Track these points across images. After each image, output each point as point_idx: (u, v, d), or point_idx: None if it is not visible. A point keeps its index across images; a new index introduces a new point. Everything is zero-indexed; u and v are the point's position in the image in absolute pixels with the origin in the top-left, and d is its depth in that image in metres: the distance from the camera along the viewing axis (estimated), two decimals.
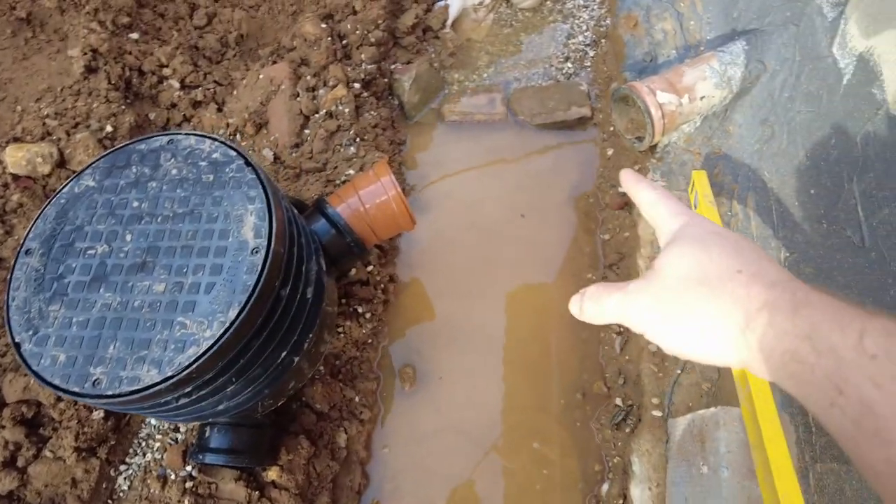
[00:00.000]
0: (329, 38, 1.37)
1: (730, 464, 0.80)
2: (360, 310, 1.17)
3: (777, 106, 1.14)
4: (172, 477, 0.97)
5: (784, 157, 1.11)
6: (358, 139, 1.31)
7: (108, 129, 1.16)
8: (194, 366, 0.69)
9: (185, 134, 0.85)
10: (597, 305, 0.41)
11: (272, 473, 0.97)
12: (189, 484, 0.95)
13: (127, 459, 1.01)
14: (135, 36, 1.29)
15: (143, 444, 1.03)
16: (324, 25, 1.38)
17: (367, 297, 1.19)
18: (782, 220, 1.09)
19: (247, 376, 0.79)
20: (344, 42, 1.43)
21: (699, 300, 0.34)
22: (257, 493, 0.94)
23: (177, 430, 1.04)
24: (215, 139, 0.83)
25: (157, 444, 1.02)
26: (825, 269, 0.98)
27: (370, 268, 1.21)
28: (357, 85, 1.38)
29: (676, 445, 0.97)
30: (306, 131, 1.31)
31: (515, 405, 1.20)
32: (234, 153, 0.82)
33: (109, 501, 0.97)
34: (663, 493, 0.99)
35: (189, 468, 0.97)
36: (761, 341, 0.31)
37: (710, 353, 0.34)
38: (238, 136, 1.32)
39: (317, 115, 1.32)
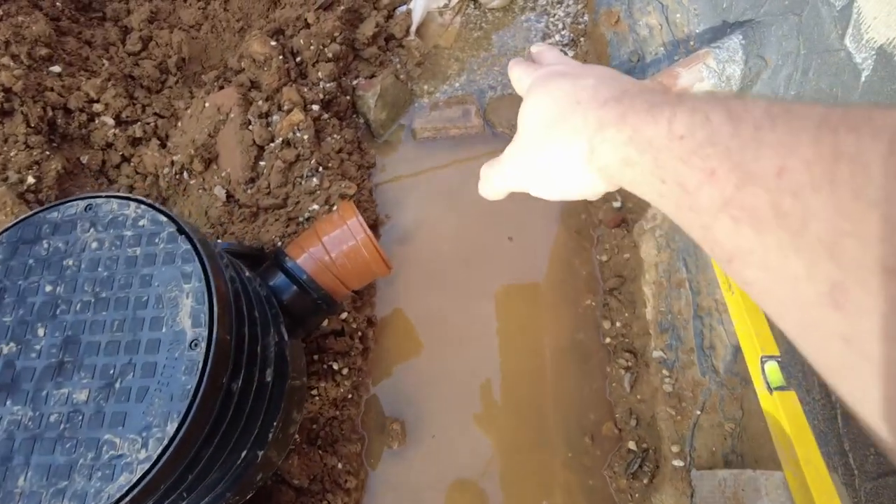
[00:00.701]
0: (280, 57, 1.23)
1: None
2: (335, 366, 1.04)
3: None
4: None
5: None
6: (321, 168, 1.17)
7: (31, 180, 1.01)
8: (128, 497, 0.55)
9: (106, 197, 0.70)
10: (488, 183, 0.45)
11: None
12: None
13: None
14: (57, 69, 1.13)
15: None
16: (274, 43, 1.23)
17: (343, 350, 1.05)
18: None
19: (202, 486, 0.66)
20: (298, 59, 1.28)
21: (550, 141, 0.35)
22: None
23: None
24: (142, 202, 0.69)
25: None
26: None
27: (344, 315, 1.08)
28: (316, 107, 1.24)
29: (704, 503, 0.86)
30: (261, 163, 1.17)
31: (518, 454, 1.08)
32: (163, 219, 0.68)
33: None
34: None
35: None
36: (602, 161, 0.31)
37: (579, 188, 0.36)
38: (185, 174, 1.18)
39: (272, 145, 1.17)
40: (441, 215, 1.28)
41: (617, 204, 1.19)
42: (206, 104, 1.21)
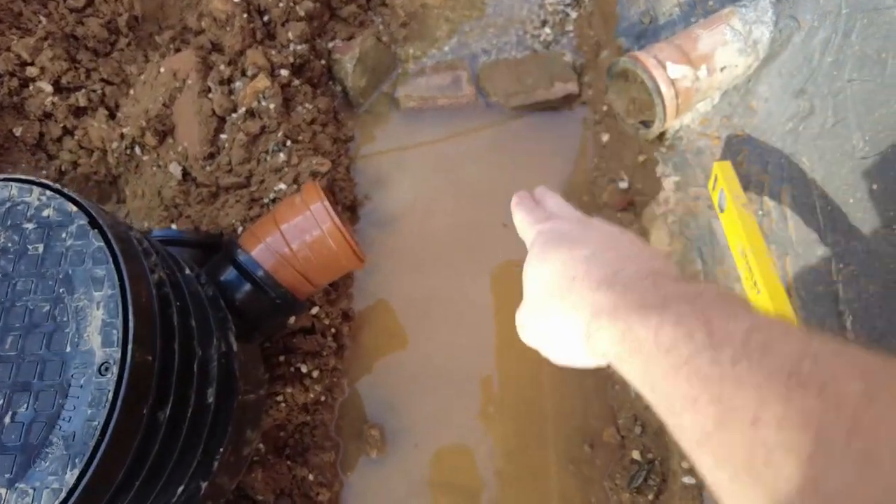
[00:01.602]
0: (245, 15, 1.08)
1: None
2: (304, 369, 0.92)
3: (817, 73, 0.89)
4: None
5: (830, 140, 0.87)
6: (289, 142, 1.03)
7: None
8: None
9: (3, 180, 0.57)
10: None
11: None
12: None
13: None
14: None
15: None
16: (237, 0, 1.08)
17: (313, 350, 0.94)
18: (832, 223, 0.86)
19: None
20: (265, 18, 1.13)
21: (550, 313, 0.36)
22: None
23: None
24: (47, 187, 0.56)
25: None
26: None
27: (315, 310, 0.96)
28: (285, 72, 1.09)
29: None
30: (222, 136, 1.03)
31: (510, 462, 0.98)
32: (73, 208, 0.55)
33: None
34: None
35: None
36: (600, 349, 0.31)
37: (583, 361, 0.35)
38: (137, 149, 1.04)
39: (234, 115, 1.03)
40: (428, 196, 1.15)
41: (623, 185, 1.06)
42: (162, 69, 1.06)
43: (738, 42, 0.91)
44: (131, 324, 0.49)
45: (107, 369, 0.48)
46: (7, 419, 0.48)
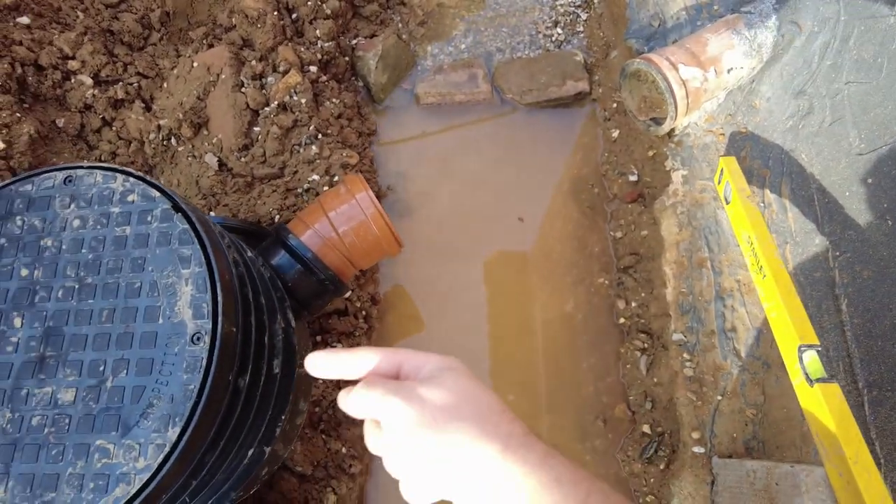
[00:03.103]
0: (275, 13, 1.13)
1: None
2: (339, 347, 0.98)
3: (816, 75, 0.97)
4: None
5: (827, 138, 0.94)
6: (320, 135, 1.09)
7: (0, 145, 0.91)
8: None
9: (89, 168, 0.62)
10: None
11: None
12: None
13: None
14: (25, 20, 1.02)
15: None
16: None
17: (347, 331, 1.00)
18: (828, 214, 0.93)
19: (206, 490, 0.60)
20: (294, 16, 1.18)
21: (464, 426, 0.37)
22: None
23: None
24: (130, 174, 0.61)
25: None
26: (891, 275, 0.83)
27: (348, 293, 1.02)
28: (313, 68, 1.15)
29: (729, 493, 0.82)
30: (256, 129, 1.09)
31: None
32: (156, 194, 0.60)
33: None
34: None
35: None
36: (515, 472, 0.35)
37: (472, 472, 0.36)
38: (173, 140, 1.09)
39: (267, 109, 1.09)
40: (447, 188, 1.21)
41: (633, 177, 1.13)
42: (195, 64, 1.11)
43: (743, 46, 0.98)
44: (219, 298, 0.54)
45: (199, 339, 0.54)
46: (109, 383, 0.54)
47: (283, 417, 0.68)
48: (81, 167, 0.63)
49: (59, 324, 0.57)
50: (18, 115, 0.95)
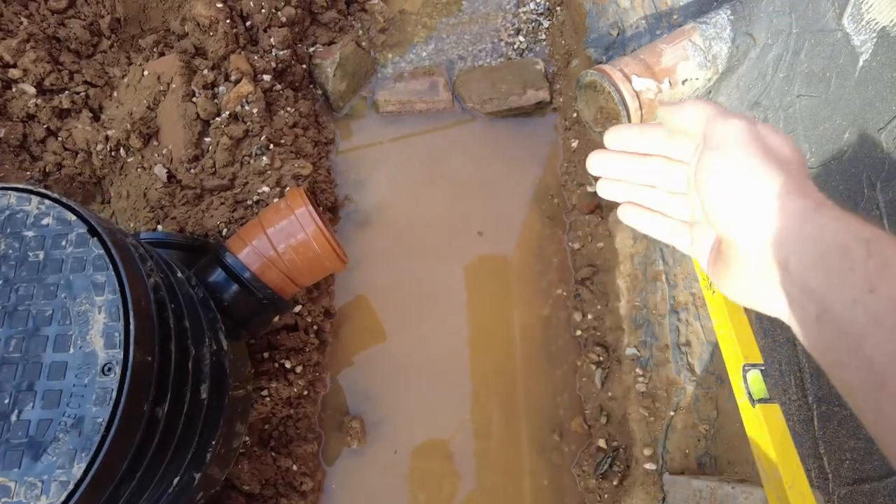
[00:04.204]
0: (228, 21, 1.10)
1: None
2: (287, 364, 0.96)
3: (770, 87, 0.96)
4: None
5: None
6: (272, 145, 1.07)
7: None
8: None
9: (2, 190, 0.60)
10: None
11: None
12: None
13: None
14: None
15: None
16: (220, 5, 1.11)
17: (297, 347, 0.98)
18: None
19: None
20: (248, 24, 1.16)
21: (756, 175, 0.32)
22: None
23: None
24: (46, 196, 0.59)
25: None
26: None
27: (298, 307, 1.00)
28: (267, 77, 1.12)
29: None
30: (206, 140, 1.06)
31: (483, 449, 1.03)
32: (72, 217, 0.58)
33: None
34: None
35: None
36: (817, 230, 0.30)
37: (762, 223, 0.32)
38: (122, 151, 1.06)
39: (218, 119, 1.06)
40: (406, 198, 1.20)
41: (592, 189, 1.12)
42: (145, 72, 1.09)
43: (698, 57, 0.98)
44: (132, 327, 0.52)
45: (110, 370, 0.52)
46: (14, 417, 0.51)
47: (213, 443, 0.66)
48: None
49: None
50: None
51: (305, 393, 1.00)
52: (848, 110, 0.82)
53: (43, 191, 0.59)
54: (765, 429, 0.67)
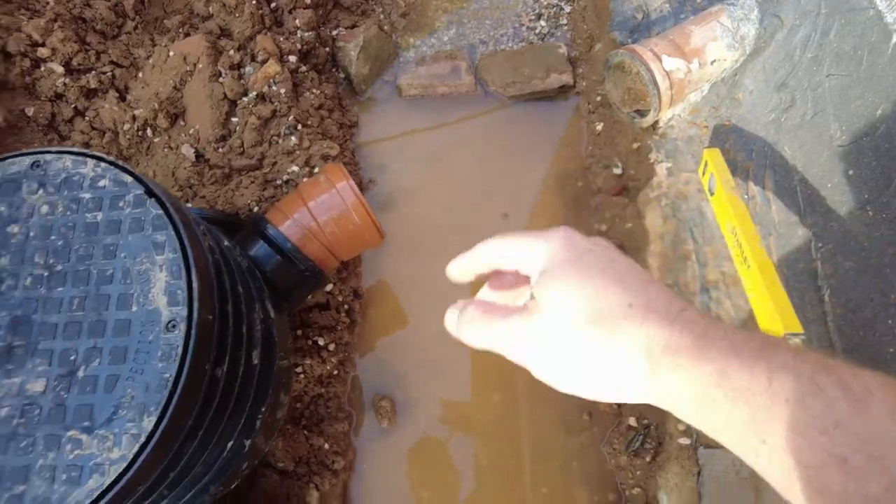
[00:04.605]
0: (254, 2, 1.10)
1: None
2: (321, 342, 0.96)
3: (798, 68, 0.97)
4: None
5: (809, 130, 0.95)
6: (299, 126, 1.07)
7: None
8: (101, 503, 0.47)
9: (57, 153, 0.60)
10: (476, 331, 0.36)
11: None
12: None
13: None
14: None
15: None
16: None
17: (329, 325, 0.98)
18: (811, 205, 0.94)
19: (184, 483, 0.58)
20: (273, 5, 1.16)
21: (593, 344, 0.30)
22: None
23: None
24: (101, 158, 0.59)
25: None
26: (873, 265, 0.84)
27: (329, 287, 1.00)
28: (293, 58, 1.12)
29: (715, 483, 0.82)
30: (233, 120, 1.06)
31: (513, 428, 1.04)
32: (128, 179, 0.58)
33: None
34: None
35: None
36: (669, 389, 0.28)
37: (616, 396, 0.31)
38: (149, 131, 1.06)
39: (245, 99, 1.06)
40: (430, 181, 1.20)
41: (618, 170, 1.13)
42: (171, 53, 1.08)
43: (726, 38, 0.98)
44: (195, 284, 0.52)
45: (174, 326, 0.51)
46: (81, 373, 0.51)
47: (263, 410, 0.66)
48: (49, 152, 0.60)
49: (27, 312, 0.54)
50: None
51: (335, 372, 1.00)
52: (881, 87, 0.83)
53: (98, 153, 0.59)
54: None
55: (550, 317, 0.32)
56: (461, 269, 0.42)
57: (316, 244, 0.78)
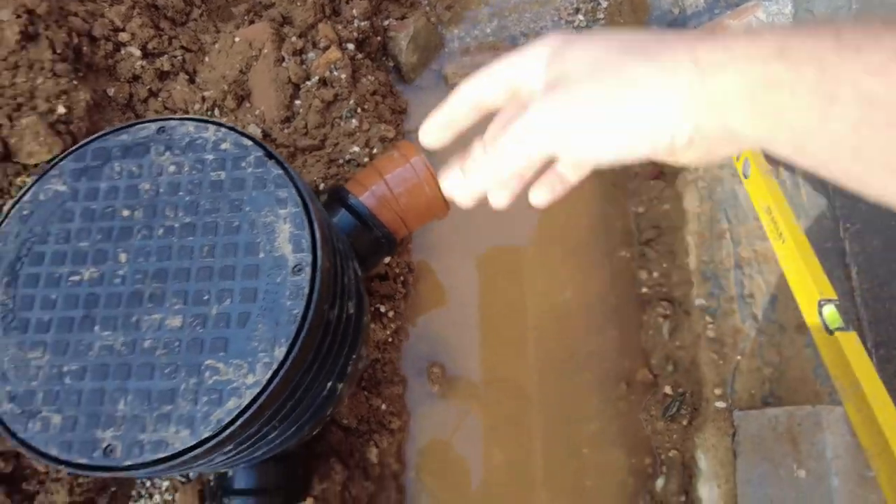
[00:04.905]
0: None
1: (839, 470, 0.72)
2: (382, 309, 1.03)
3: None
4: None
5: None
6: (359, 109, 1.14)
7: (61, 110, 0.95)
8: (239, 422, 0.54)
9: (181, 119, 0.67)
10: (493, 154, 0.36)
11: None
12: None
13: None
14: None
15: (149, 484, 0.87)
16: None
17: (389, 294, 1.05)
18: (839, 188, 1.00)
19: (292, 417, 0.65)
20: None
21: (628, 66, 0.29)
22: None
23: None
24: (221, 125, 0.66)
25: (166, 484, 0.87)
26: None
27: (387, 259, 1.07)
28: (350, 46, 1.19)
29: (750, 441, 0.89)
30: (297, 102, 1.13)
31: (552, 396, 1.11)
32: (248, 142, 0.65)
33: None
34: (732, 489, 0.92)
35: None
36: (722, 86, 0.26)
37: (662, 128, 0.29)
38: (217, 112, 1.13)
39: (308, 83, 1.13)
40: None
41: None
42: (237, 39, 1.15)
43: None
44: (317, 234, 0.59)
45: (300, 270, 0.58)
46: (214, 310, 0.58)
47: (354, 357, 0.73)
48: (173, 119, 0.67)
49: (161, 259, 0.61)
50: (75, 82, 0.98)
51: (391, 340, 1.07)
52: None
53: (217, 120, 0.66)
54: (843, 353, 0.74)
55: (578, 69, 0.30)
56: (438, 125, 0.39)
57: (391, 212, 0.85)
